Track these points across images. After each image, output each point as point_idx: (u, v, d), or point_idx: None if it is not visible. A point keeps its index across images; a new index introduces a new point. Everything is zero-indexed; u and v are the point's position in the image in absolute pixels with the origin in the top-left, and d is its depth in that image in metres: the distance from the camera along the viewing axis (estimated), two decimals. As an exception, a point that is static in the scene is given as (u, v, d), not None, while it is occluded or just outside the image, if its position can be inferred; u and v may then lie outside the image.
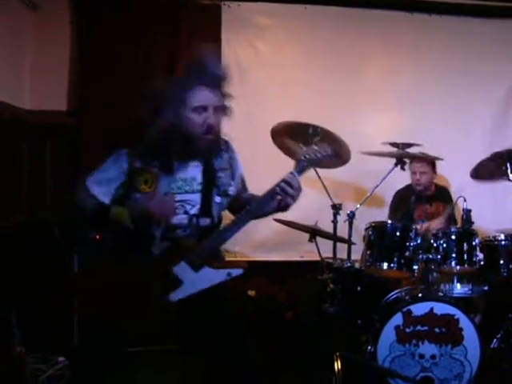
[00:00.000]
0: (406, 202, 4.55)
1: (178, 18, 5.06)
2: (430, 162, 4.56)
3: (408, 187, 4.74)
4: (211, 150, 2.54)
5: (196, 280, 2.49)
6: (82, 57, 4.95)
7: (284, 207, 2.55)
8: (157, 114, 2.44)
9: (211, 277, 2.52)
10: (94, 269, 2.66)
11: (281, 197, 2.48)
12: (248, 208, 2.50)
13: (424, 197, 4.59)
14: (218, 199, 2.58)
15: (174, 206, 2.47)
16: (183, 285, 2.48)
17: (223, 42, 5.09)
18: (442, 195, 4.72)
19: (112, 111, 4.65)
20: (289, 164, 4.19)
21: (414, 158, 4.33)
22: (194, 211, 2.53)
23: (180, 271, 2.49)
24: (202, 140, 2.47)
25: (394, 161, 4.04)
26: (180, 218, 2.51)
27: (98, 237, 3.03)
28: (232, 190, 2.64)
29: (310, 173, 4.06)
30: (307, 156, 2.53)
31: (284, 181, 2.47)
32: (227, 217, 2.65)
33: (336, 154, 3.46)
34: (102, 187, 2.50)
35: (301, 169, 2.52)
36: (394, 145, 3.98)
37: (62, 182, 4.77)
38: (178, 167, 2.50)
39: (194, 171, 2.54)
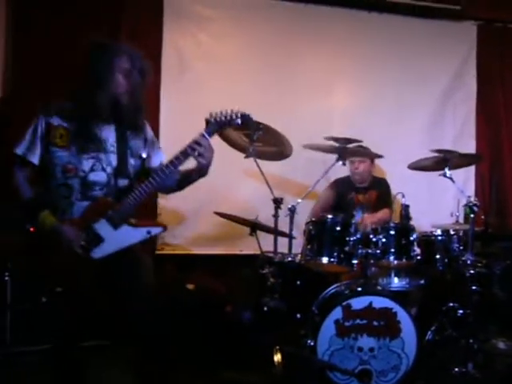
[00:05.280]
0: (342, 193, 4.68)
1: (119, 8, 4.94)
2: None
3: (346, 179, 4.79)
4: (134, 110, 2.71)
5: (116, 237, 2.61)
6: (17, 46, 4.77)
7: (200, 169, 2.69)
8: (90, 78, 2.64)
9: (131, 234, 2.65)
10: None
11: (193, 158, 2.64)
12: (165, 167, 2.64)
13: (361, 189, 4.71)
14: (132, 161, 2.74)
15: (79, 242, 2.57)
16: (104, 242, 2.58)
17: (165, 32, 5.03)
18: (377, 185, 4.78)
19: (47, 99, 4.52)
20: (232, 157, 4.22)
21: (355, 155, 4.38)
22: (109, 170, 2.65)
23: (100, 228, 2.59)
24: (125, 100, 2.66)
25: (335, 156, 4.05)
26: (99, 175, 2.63)
27: (31, 229, 2.98)
28: (144, 154, 2.81)
29: (252, 166, 4.12)
30: (217, 119, 2.67)
31: (193, 141, 2.64)
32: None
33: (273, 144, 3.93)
34: (28, 150, 2.63)
35: (210, 130, 2.67)
36: (335, 140, 3.99)
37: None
38: (94, 128, 2.64)
39: (106, 133, 2.68)
